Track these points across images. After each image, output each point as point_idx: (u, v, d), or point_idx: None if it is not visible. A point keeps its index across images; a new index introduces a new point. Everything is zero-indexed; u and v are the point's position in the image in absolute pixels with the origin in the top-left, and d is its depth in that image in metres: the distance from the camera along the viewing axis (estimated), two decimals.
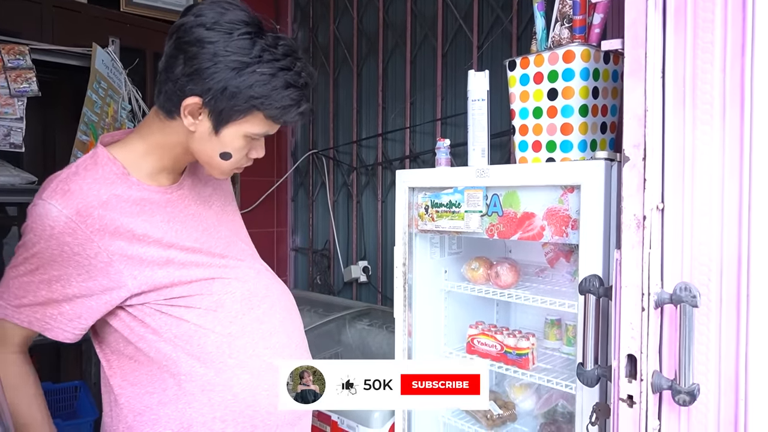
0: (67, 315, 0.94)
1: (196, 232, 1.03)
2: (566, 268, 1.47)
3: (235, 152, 0.97)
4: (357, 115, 2.64)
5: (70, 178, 0.93)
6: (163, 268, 0.96)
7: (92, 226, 0.91)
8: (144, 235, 0.95)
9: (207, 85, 0.88)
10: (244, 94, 0.89)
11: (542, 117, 1.30)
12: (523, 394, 1.52)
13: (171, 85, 0.91)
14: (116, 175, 0.96)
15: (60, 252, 0.90)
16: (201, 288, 1.00)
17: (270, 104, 0.91)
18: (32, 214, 0.92)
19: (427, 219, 1.47)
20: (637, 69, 0.89)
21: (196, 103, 0.90)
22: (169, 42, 0.92)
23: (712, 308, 0.87)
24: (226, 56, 0.87)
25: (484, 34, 2.11)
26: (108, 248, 0.92)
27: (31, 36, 2.08)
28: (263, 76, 0.89)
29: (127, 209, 0.95)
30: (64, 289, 0.92)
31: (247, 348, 1.02)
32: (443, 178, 1.44)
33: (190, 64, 0.88)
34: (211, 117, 0.92)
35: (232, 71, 0.88)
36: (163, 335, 0.98)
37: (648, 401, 0.89)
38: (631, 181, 0.90)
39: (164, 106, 0.94)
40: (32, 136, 2.07)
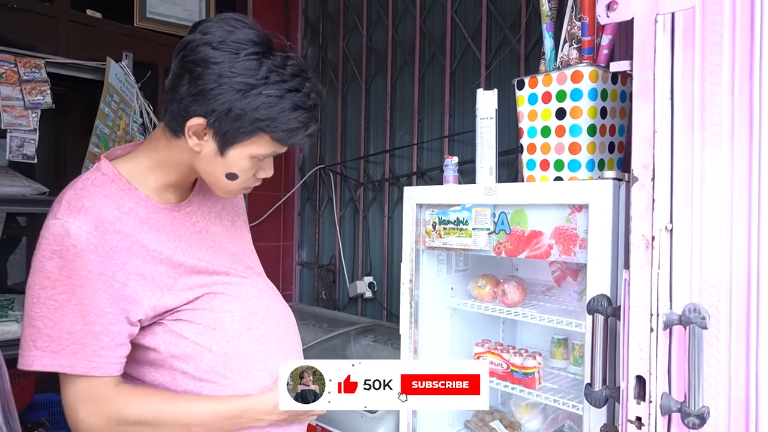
0: (108, 347, 0.88)
1: (200, 251, 1.01)
2: (573, 287, 1.47)
3: (242, 173, 0.95)
4: (365, 131, 2.66)
5: (80, 195, 0.90)
6: (171, 290, 0.94)
7: (110, 242, 0.87)
8: (155, 253, 0.93)
9: (211, 107, 0.86)
10: (249, 116, 0.87)
11: (550, 136, 1.31)
12: (529, 414, 1.50)
13: (176, 105, 0.89)
14: (123, 191, 0.93)
15: (87, 274, 0.85)
16: (203, 303, 0.98)
17: (276, 127, 0.88)
18: (49, 236, 0.86)
19: (434, 236, 1.47)
20: (645, 90, 0.90)
21: (200, 124, 0.88)
22: (175, 60, 0.90)
23: (721, 330, 0.86)
24: (232, 77, 0.85)
25: (492, 53, 2.13)
26: (125, 266, 0.89)
27: (46, 50, 2.13)
28: (269, 98, 0.86)
29: (138, 226, 0.92)
30: (98, 318, 0.86)
31: (242, 369, 1.00)
32: (451, 195, 1.44)
33: (194, 85, 0.86)
34: (216, 138, 0.89)
35: (237, 93, 0.85)
36: (160, 356, 0.95)
37: (657, 423, 0.88)
38: (640, 201, 0.90)
39: (170, 124, 0.92)
40: (45, 147, 2.10)
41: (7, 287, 2.46)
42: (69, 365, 0.85)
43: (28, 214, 2.38)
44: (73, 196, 0.89)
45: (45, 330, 0.85)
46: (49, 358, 0.85)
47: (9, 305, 2.08)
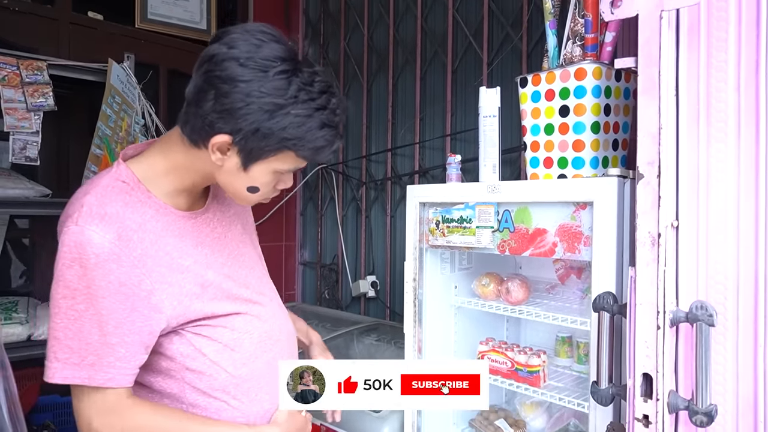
0: (124, 358, 0.86)
1: (222, 256, 1.00)
2: (577, 285, 1.46)
3: (263, 186, 0.93)
4: (367, 131, 2.66)
5: (102, 201, 0.87)
6: (199, 298, 0.93)
7: (134, 251, 0.86)
8: (181, 260, 0.91)
9: (238, 126, 0.84)
10: (277, 135, 0.85)
11: (554, 133, 1.31)
12: (534, 413, 1.50)
13: (200, 120, 0.86)
14: (143, 196, 0.91)
15: (107, 284, 0.83)
16: (225, 321, 0.97)
17: (303, 145, 0.87)
18: (70, 243, 0.84)
19: (437, 234, 1.47)
20: (650, 87, 0.89)
21: (225, 141, 0.86)
22: (198, 72, 0.86)
23: (728, 327, 0.86)
24: (261, 98, 0.82)
25: (493, 51, 2.13)
26: (150, 275, 0.87)
27: (48, 52, 2.13)
28: (298, 117, 0.84)
29: (161, 232, 0.90)
30: (116, 329, 0.85)
31: (251, 392, 1.00)
32: (454, 193, 1.44)
33: (221, 102, 0.83)
34: (240, 155, 0.87)
35: (266, 113, 0.83)
36: (174, 367, 0.94)
37: (664, 422, 0.87)
38: (646, 198, 0.90)
39: (191, 135, 0.89)
40: (47, 149, 2.10)
41: (11, 290, 2.47)
42: (87, 377, 0.84)
43: (31, 216, 2.38)
44: (95, 202, 0.86)
45: (65, 341, 0.84)
46: (70, 370, 0.84)
47: (13, 308, 2.08)
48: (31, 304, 2.18)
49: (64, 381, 0.84)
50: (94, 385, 0.85)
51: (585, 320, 1.25)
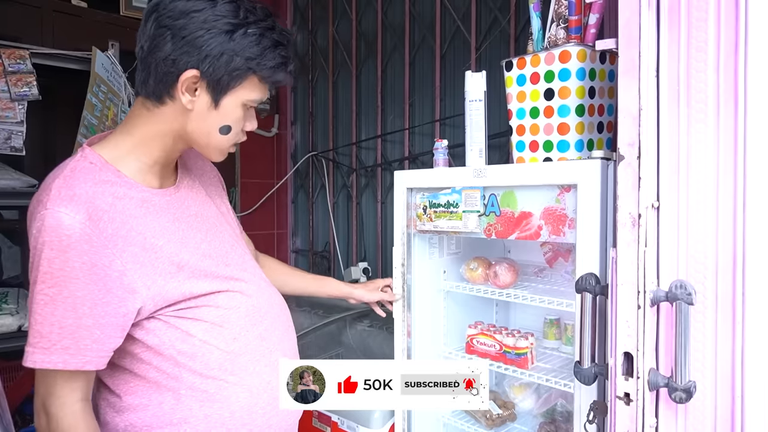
0: (99, 340, 0.86)
1: (199, 233, 1.00)
2: (565, 268, 1.47)
3: (235, 124, 0.95)
4: (356, 117, 2.65)
5: (70, 183, 0.86)
6: (175, 277, 0.92)
7: (105, 231, 0.85)
8: (154, 239, 0.91)
9: (203, 53, 0.87)
10: (241, 56, 0.88)
11: (539, 117, 1.31)
12: (522, 394, 1.52)
13: (162, 66, 0.87)
14: (112, 176, 0.91)
15: (80, 265, 0.83)
16: (207, 300, 0.96)
17: (264, 64, 0.91)
18: (41, 228, 0.83)
19: (425, 219, 1.47)
20: (631, 68, 0.90)
21: (194, 75, 0.88)
22: (146, 25, 0.88)
23: (707, 306, 0.87)
24: (217, 20, 0.86)
25: (482, 35, 2.12)
26: (122, 255, 0.86)
27: (31, 40, 2.10)
28: (254, 36, 0.89)
29: (134, 211, 0.90)
30: (91, 311, 0.84)
31: (248, 366, 1.00)
32: (441, 178, 1.44)
33: (180, 37, 0.86)
34: (209, 89, 0.90)
35: (225, 35, 0.87)
36: (165, 352, 0.94)
37: (645, 399, 0.89)
38: (626, 179, 0.91)
39: (154, 91, 0.90)
40: (33, 139, 2.09)
41: (1, 281, 2.46)
42: (62, 361, 0.83)
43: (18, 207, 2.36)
44: (63, 185, 0.86)
45: (36, 326, 0.83)
46: (41, 355, 0.83)
47: (3, 299, 2.08)
48: (22, 295, 2.18)
49: (34, 365, 0.83)
50: (69, 369, 0.85)
51: (572, 302, 1.26)
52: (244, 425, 0.99)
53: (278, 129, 2.99)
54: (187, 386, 0.95)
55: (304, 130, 2.98)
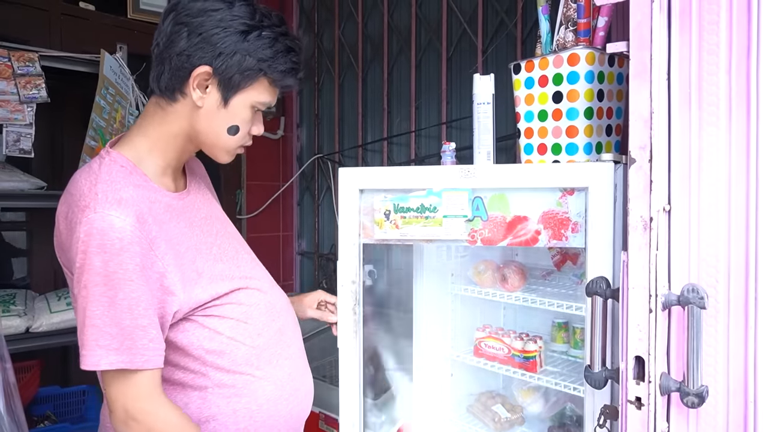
0: (155, 339, 0.87)
1: (210, 236, 1.02)
2: (573, 271, 1.47)
3: (243, 124, 0.96)
4: (362, 120, 2.65)
5: (114, 187, 0.88)
6: (198, 282, 0.94)
7: (150, 233, 0.87)
8: (178, 246, 0.92)
9: (218, 50, 0.89)
10: (253, 56, 0.91)
11: (547, 120, 1.31)
12: (530, 398, 1.51)
13: (176, 60, 0.90)
14: (142, 179, 0.93)
15: (133, 267, 0.84)
16: (231, 298, 0.99)
17: (275, 67, 0.93)
18: (91, 231, 0.84)
19: (388, 226, 1.23)
20: (642, 71, 0.89)
21: (206, 71, 0.90)
22: (165, 22, 0.92)
23: (720, 309, 0.87)
24: (233, 21, 0.89)
25: (488, 38, 2.12)
26: (163, 258, 0.88)
27: (40, 43, 2.11)
28: (267, 39, 0.92)
29: (162, 216, 0.92)
30: (146, 311, 0.86)
31: (272, 359, 1.03)
32: (410, 178, 1.22)
33: (196, 33, 0.89)
34: (220, 87, 0.92)
35: (240, 35, 0.90)
36: (193, 353, 0.95)
37: (656, 403, 0.88)
38: (638, 182, 0.90)
39: (168, 86, 0.92)
40: (41, 141, 2.10)
41: (9, 283, 2.47)
42: (129, 361, 0.85)
43: (26, 209, 2.37)
44: (109, 189, 0.87)
45: (105, 328, 0.84)
46: (115, 356, 0.85)
47: (11, 300, 2.09)
48: (29, 297, 2.19)
49: (110, 367, 0.85)
50: (134, 368, 0.86)
51: (581, 305, 1.26)
52: (270, 416, 1.02)
53: (284, 131, 2.99)
54: (215, 383, 0.97)
55: (309, 133, 2.98)
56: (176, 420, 0.90)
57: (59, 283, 2.51)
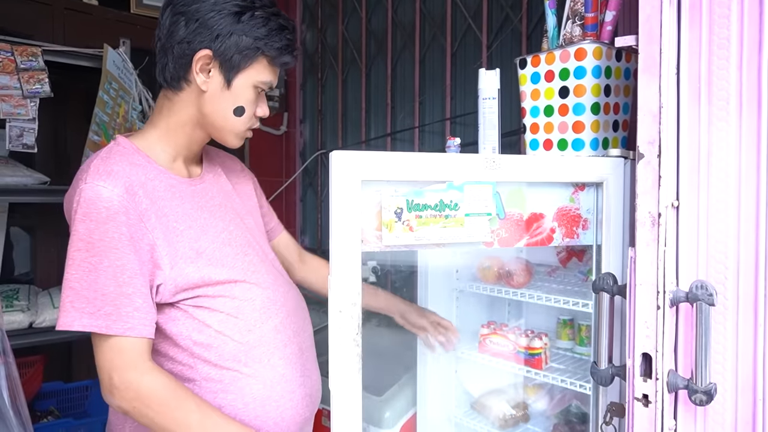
0: (141, 309, 0.89)
1: (222, 222, 1.04)
2: (578, 268, 1.46)
3: (248, 105, 1.00)
4: (366, 115, 2.64)
5: (107, 162, 0.92)
6: (194, 262, 0.95)
7: (140, 205, 0.91)
8: (176, 223, 0.95)
9: (215, 33, 0.94)
10: (249, 35, 0.95)
11: (553, 115, 1.29)
12: (535, 395, 1.51)
13: (178, 49, 0.95)
14: (143, 161, 0.97)
15: (118, 236, 0.87)
16: (224, 290, 0.99)
17: (271, 45, 0.97)
18: (80, 201, 0.88)
19: (400, 229, 0.95)
20: (651, 65, 0.88)
21: (206, 54, 0.95)
22: (164, 16, 0.97)
23: (728, 306, 0.86)
24: (226, 3, 0.94)
25: (493, 33, 2.11)
26: (153, 231, 0.92)
27: (43, 38, 2.11)
28: (260, 19, 0.96)
29: (162, 193, 0.95)
30: (131, 279, 0.88)
31: (263, 358, 1.01)
32: (427, 167, 0.97)
33: (194, 20, 0.94)
34: (222, 69, 0.96)
35: (234, 16, 0.94)
36: (182, 343, 0.96)
37: (664, 401, 0.88)
38: (646, 178, 0.89)
39: (173, 75, 0.97)
40: (44, 136, 2.09)
41: (12, 278, 2.47)
42: (105, 326, 0.87)
43: (30, 204, 2.37)
44: (101, 163, 0.92)
45: (82, 291, 0.87)
46: (87, 319, 0.87)
47: (14, 295, 2.09)
48: (33, 292, 2.19)
49: (82, 328, 0.87)
50: (112, 334, 0.87)
51: (587, 302, 1.25)
52: (257, 417, 1.00)
53: (287, 127, 2.98)
54: (202, 377, 0.97)
55: (312, 129, 2.97)
56: (162, 390, 0.89)
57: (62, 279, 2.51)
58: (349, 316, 0.89)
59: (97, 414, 2.15)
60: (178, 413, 0.89)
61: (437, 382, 1.60)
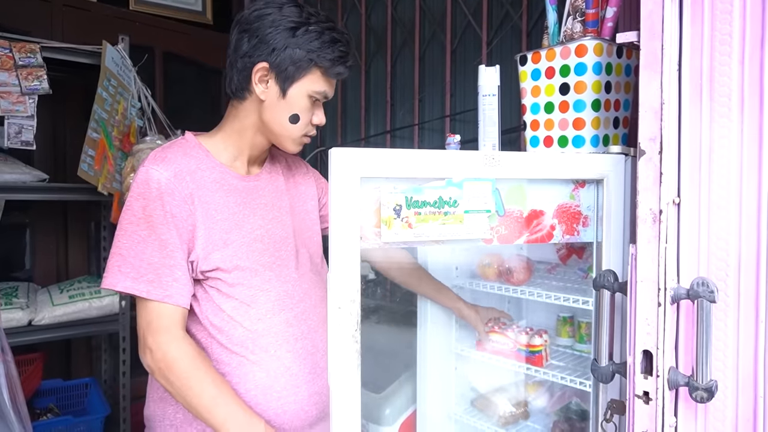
0: (180, 279, 0.99)
1: (262, 220, 1.11)
2: (578, 265, 1.46)
3: (302, 113, 1.08)
4: (365, 112, 2.64)
5: (165, 150, 1.05)
6: (221, 250, 1.04)
7: (186, 189, 1.01)
8: (214, 212, 1.04)
9: (271, 47, 1.03)
10: (303, 48, 1.03)
11: (554, 112, 1.29)
12: (535, 392, 1.51)
13: (241, 62, 1.05)
14: (202, 154, 1.07)
15: (164, 213, 0.98)
16: (242, 278, 1.05)
17: (324, 56, 1.05)
18: (137, 181, 1.01)
19: (399, 226, 0.96)
20: (653, 61, 0.88)
21: (264, 67, 1.04)
22: (232, 33, 1.08)
23: (729, 303, 0.86)
24: (282, 20, 1.03)
25: (493, 30, 2.10)
26: (195, 213, 1.01)
27: (41, 34, 2.10)
28: (314, 33, 1.04)
29: (209, 184, 1.05)
30: (173, 253, 0.99)
31: (269, 348, 1.06)
32: (427, 164, 0.98)
33: (254, 36, 1.04)
34: (278, 80, 1.05)
35: (289, 31, 1.03)
36: (203, 322, 1.04)
37: (664, 398, 0.88)
38: (647, 175, 0.89)
39: (237, 87, 1.08)
40: (43, 133, 2.09)
41: (11, 276, 2.47)
42: (146, 291, 0.97)
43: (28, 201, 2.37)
44: (159, 151, 1.05)
45: (129, 258, 0.98)
46: (131, 282, 0.97)
47: (13, 293, 2.08)
48: (31, 290, 2.18)
49: (125, 290, 0.97)
50: (153, 299, 0.97)
51: (587, 299, 1.25)
52: (258, 404, 1.04)
53: None
54: (214, 358, 1.04)
55: None
56: (185, 359, 0.97)
57: (62, 276, 2.51)
58: (348, 312, 0.89)
59: (96, 411, 2.15)
60: (194, 383, 0.96)
61: (437, 380, 1.60)
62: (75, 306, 2.11)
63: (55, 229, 2.46)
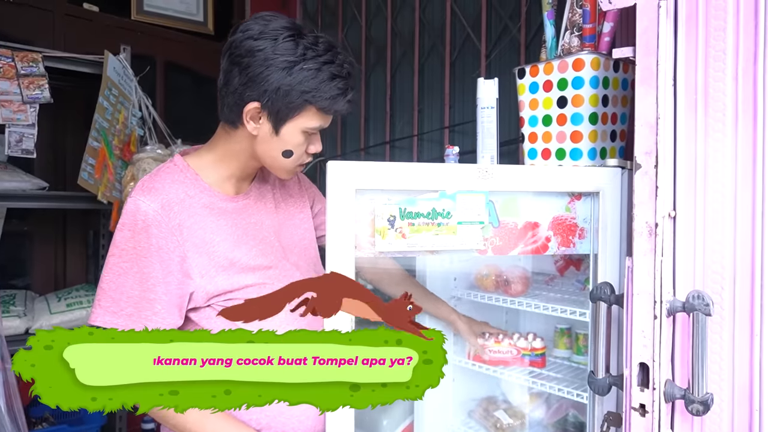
0: (159, 314, 0.97)
1: (254, 240, 1.09)
2: (576, 277, 1.46)
3: (296, 148, 1.03)
4: (365, 123, 2.65)
5: (153, 179, 1.03)
6: (227, 270, 1.02)
7: (174, 220, 0.98)
8: (211, 236, 1.02)
9: (262, 88, 0.97)
10: (296, 90, 0.97)
11: (552, 125, 1.30)
12: (533, 404, 1.51)
13: (231, 97, 1.00)
14: (190, 179, 1.04)
15: (148, 246, 0.96)
16: (250, 293, 1.04)
17: (320, 96, 0.98)
18: (124, 212, 0.99)
19: (392, 236, 0.99)
20: (648, 76, 0.89)
21: (255, 107, 0.98)
22: (223, 60, 1.01)
23: (725, 317, 0.86)
24: (275, 59, 0.95)
25: (492, 43, 2.12)
26: (184, 243, 0.99)
27: (43, 44, 2.12)
28: (310, 71, 0.97)
29: (199, 210, 1.02)
30: (155, 287, 0.96)
31: None
32: (420, 177, 1.01)
33: (245, 74, 0.97)
34: (270, 118, 0.99)
35: (283, 71, 0.96)
36: None
37: (661, 410, 0.88)
38: (643, 188, 0.90)
39: (228, 117, 1.03)
40: (43, 142, 2.10)
41: (9, 284, 2.47)
42: (123, 324, 0.95)
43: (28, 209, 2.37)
44: (147, 180, 1.03)
45: (109, 292, 0.96)
46: (109, 317, 0.95)
47: (11, 301, 2.08)
48: (29, 298, 2.18)
49: (103, 324, 0.95)
50: None
51: (584, 311, 1.25)
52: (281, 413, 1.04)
53: None
54: None
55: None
56: None
57: (59, 284, 2.50)
58: (343, 321, 0.92)
59: (92, 421, 2.14)
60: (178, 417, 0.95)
61: (434, 391, 1.59)
62: (72, 314, 2.10)
63: (53, 238, 2.47)
